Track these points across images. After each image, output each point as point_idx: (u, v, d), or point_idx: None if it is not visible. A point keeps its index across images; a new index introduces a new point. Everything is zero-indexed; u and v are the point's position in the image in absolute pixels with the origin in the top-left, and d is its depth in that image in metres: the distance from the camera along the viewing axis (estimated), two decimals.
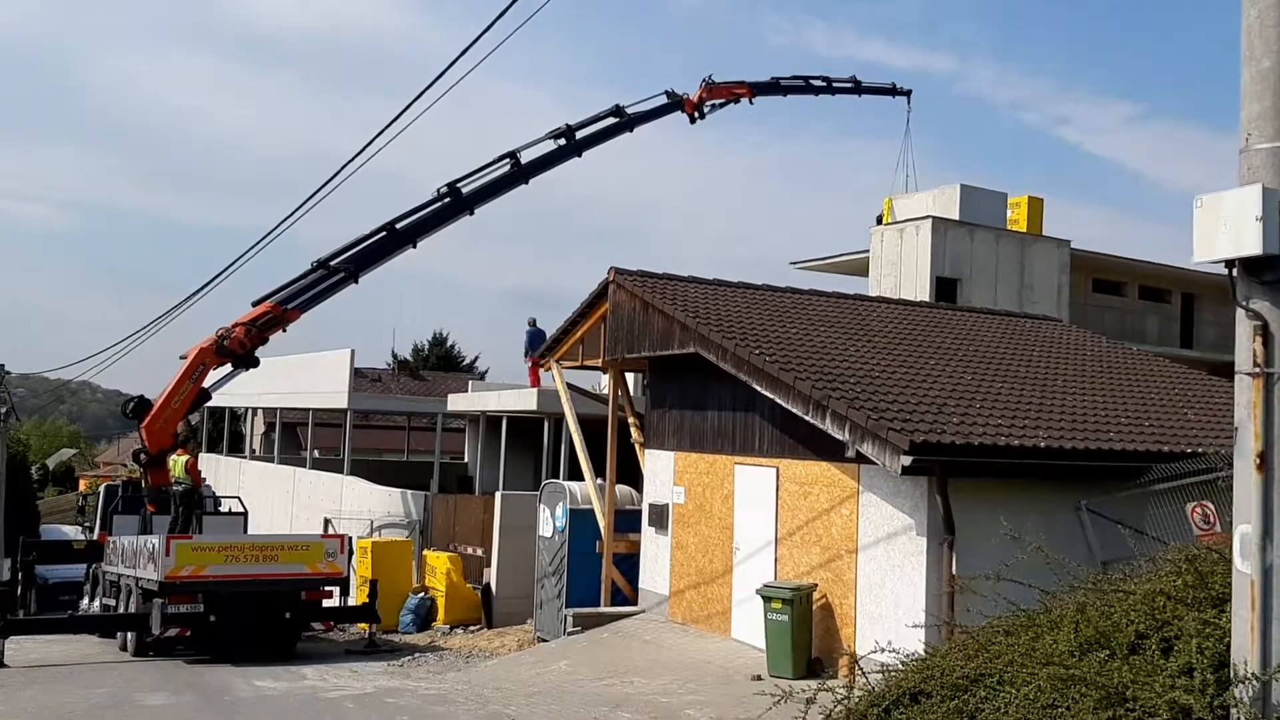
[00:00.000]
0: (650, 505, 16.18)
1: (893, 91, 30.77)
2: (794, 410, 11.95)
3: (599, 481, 17.30)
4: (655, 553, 16.06)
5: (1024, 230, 29.30)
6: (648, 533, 16.28)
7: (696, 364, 14.95)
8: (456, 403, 28.53)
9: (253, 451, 45.60)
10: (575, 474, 22.21)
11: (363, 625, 19.88)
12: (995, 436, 11.02)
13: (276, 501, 33.63)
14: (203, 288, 24.49)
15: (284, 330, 22.92)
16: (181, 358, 23.08)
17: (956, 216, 27.74)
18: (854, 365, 13.09)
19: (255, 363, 23.06)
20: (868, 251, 28.66)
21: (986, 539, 11.08)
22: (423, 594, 21.94)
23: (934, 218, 27.40)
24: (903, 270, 27.78)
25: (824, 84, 28.90)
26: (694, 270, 19.30)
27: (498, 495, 21.77)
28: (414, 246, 22.69)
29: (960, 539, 10.78)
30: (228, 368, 23.21)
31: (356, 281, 22.67)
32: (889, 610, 11.43)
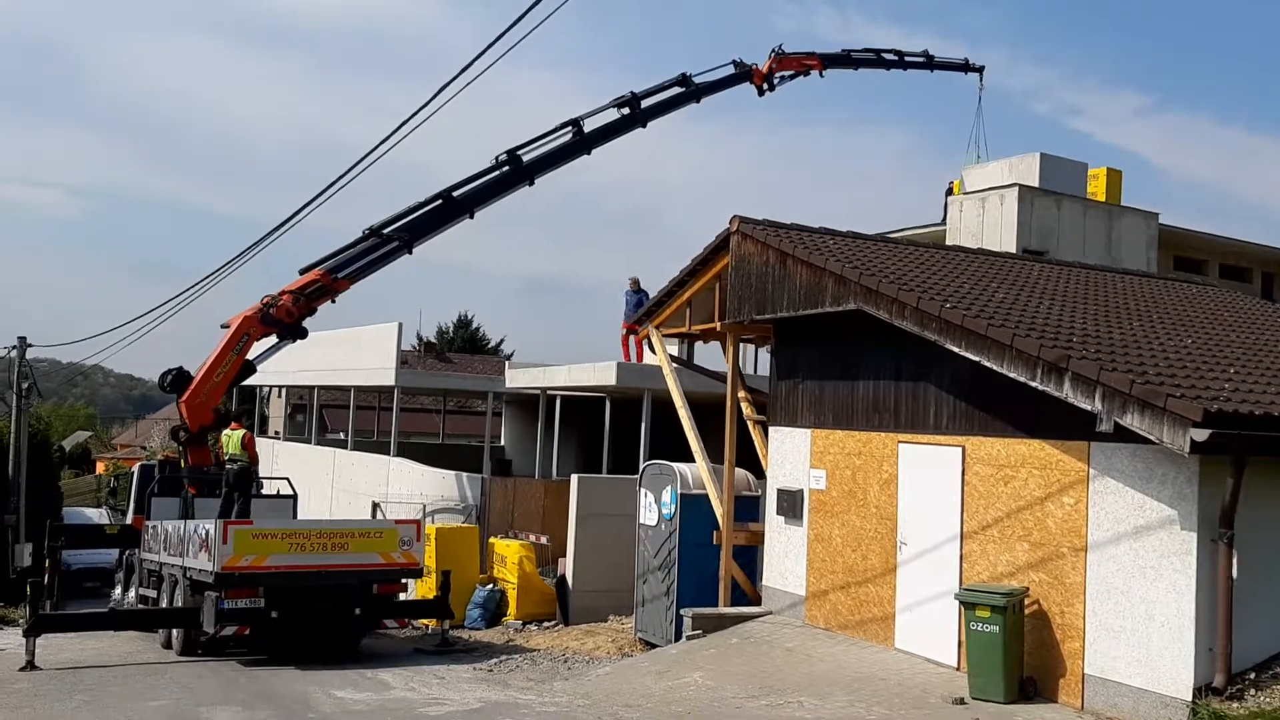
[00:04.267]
0: (779, 491, 14.03)
1: (965, 68, 28.91)
2: (1012, 375, 9.77)
3: (710, 464, 15.16)
4: (785, 546, 13.92)
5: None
6: (774, 522, 14.13)
7: (843, 326, 12.82)
8: (516, 379, 26.38)
9: (276, 434, 43.54)
10: (656, 457, 20.19)
11: (428, 620, 17.84)
12: None
13: (314, 484, 31.54)
14: (220, 269, 23.04)
15: (333, 301, 21.19)
16: (223, 326, 21.11)
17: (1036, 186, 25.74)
18: (1063, 324, 10.91)
19: (303, 334, 21.23)
20: (936, 224, 26.69)
21: (1269, 534, 9.01)
22: (491, 586, 19.89)
23: (1020, 185, 25.30)
24: (984, 242, 25.68)
25: (896, 57, 27.23)
26: None
27: (574, 478, 19.68)
28: (471, 217, 21.20)
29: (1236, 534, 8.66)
30: (271, 340, 21.43)
31: (410, 252, 21.07)
32: (1137, 622, 9.27)
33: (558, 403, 28.79)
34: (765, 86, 24.44)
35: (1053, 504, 10.15)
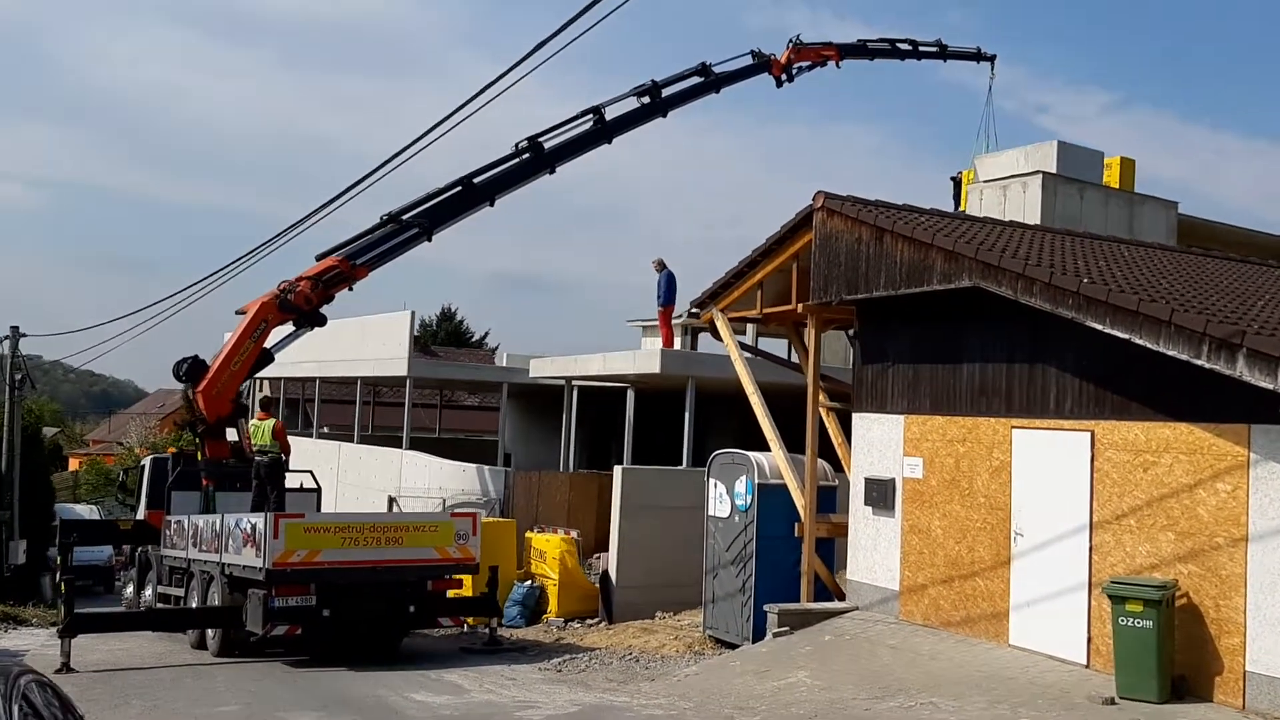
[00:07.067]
0: (867, 480, 13.35)
1: (977, 56, 28.85)
2: (1171, 353, 9.12)
3: (787, 453, 14.45)
4: (873, 538, 13.25)
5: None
6: (861, 513, 13.46)
7: (941, 306, 12.17)
8: (543, 368, 25.49)
9: None
10: (701, 452, 19.48)
11: (473, 619, 16.97)
12: None
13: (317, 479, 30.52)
14: (214, 274, 22.52)
15: (350, 288, 20.47)
16: (238, 313, 20.23)
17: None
18: (1202, 300, 10.30)
19: (322, 321, 20.46)
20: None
21: None
22: (530, 582, 19.09)
23: (1043, 173, 24.91)
24: None
25: (910, 47, 27.24)
26: (685, 251, 16.59)
27: (618, 470, 18.89)
28: (491, 204, 20.79)
29: None
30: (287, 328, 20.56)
31: (430, 239, 20.55)
32: None
33: (574, 394, 27.99)
34: (784, 77, 24.21)
35: (1204, 491, 9.53)
